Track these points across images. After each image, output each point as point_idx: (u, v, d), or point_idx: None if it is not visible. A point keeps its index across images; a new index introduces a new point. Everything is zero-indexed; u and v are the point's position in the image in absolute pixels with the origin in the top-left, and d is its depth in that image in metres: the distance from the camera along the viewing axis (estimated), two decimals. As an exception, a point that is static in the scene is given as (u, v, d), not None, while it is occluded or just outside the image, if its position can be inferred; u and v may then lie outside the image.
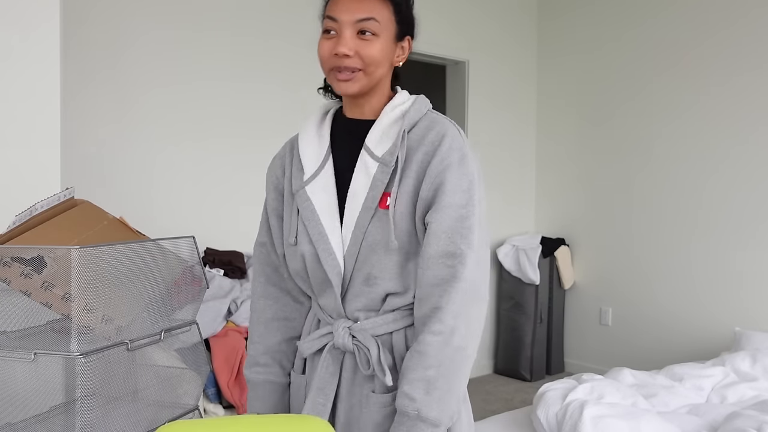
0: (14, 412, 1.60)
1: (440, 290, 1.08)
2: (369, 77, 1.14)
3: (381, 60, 1.14)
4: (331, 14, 1.14)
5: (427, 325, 1.08)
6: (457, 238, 1.09)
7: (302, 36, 3.58)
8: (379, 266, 1.13)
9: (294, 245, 1.21)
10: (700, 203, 3.84)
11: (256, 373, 1.29)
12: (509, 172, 4.66)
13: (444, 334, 1.06)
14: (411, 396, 1.07)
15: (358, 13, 1.12)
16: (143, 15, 3.08)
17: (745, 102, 3.63)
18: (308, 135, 1.24)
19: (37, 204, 1.61)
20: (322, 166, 1.20)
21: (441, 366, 1.06)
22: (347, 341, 1.15)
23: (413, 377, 1.07)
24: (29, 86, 2.11)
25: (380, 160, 1.14)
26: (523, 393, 4.08)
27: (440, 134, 1.14)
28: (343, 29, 1.13)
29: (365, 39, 1.12)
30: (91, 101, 2.95)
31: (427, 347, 1.07)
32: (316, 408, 1.17)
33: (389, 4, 1.15)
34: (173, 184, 3.19)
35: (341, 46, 1.11)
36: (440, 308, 1.07)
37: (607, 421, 1.99)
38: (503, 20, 4.60)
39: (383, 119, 1.17)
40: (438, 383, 1.06)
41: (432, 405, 1.06)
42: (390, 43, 1.16)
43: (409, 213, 1.13)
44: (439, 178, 1.11)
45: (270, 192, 1.29)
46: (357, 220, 1.14)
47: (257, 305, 1.32)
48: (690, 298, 3.90)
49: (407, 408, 1.07)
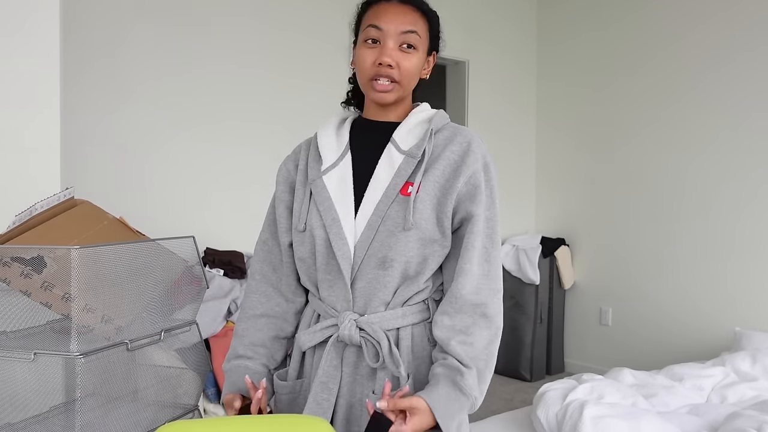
0: (14, 412, 1.60)
1: (489, 289, 1.16)
2: (404, 89, 1.21)
3: (416, 74, 1.22)
4: (375, 23, 1.17)
5: (476, 321, 1.14)
6: (487, 241, 1.17)
7: (308, 33, 3.58)
8: (397, 248, 1.15)
9: (303, 231, 1.22)
10: (700, 203, 3.84)
11: (235, 366, 1.27)
12: (509, 172, 4.66)
13: (491, 331, 1.15)
14: (473, 377, 1.11)
15: (404, 24, 1.17)
16: (142, 16, 3.08)
17: (748, 104, 3.63)
18: (328, 131, 1.29)
19: (37, 204, 1.61)
20: (341, 159, 1.24)
21: (488, 362, 1.15)
22: (354, 333, 1.15)
23: (470, 364, 1.11)
24: (29, 87, 2.11)
25: (406, 153, 1.19)
26: (523, 393, 4.08)
27: (467, 138, 1.21)
28: (387, 39, 1.17)
29: (406, 52, 1.18)
30: (90, 101, 2.95)
31: (477, 340, 1.13)
32: (321, 405, 1.16)
33: (426, 19, 1.21)
34: (173, 184, 3.19)
35: (386, 57, 1.16)
36: (489, 307, 1.15)
37: (607, 421, 1.99)
38: (503, 20, 4.61)
39: (411, 119, 1.24)
40: (484, 377, 1.14)
41: (479, 398, 1.13)
42: (423, 57, 1.22)
43: (432, 203, 1.17)
44: (475, 178, 1.18)
45: (280, 185, 1.32)
46: (377, 206, 1.17)
47: (248, 301, 1.32)
48: (690, 298, 3.90)
49: (471, 391, 1.10)
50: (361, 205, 1.18)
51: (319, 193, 1.21)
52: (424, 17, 1.21)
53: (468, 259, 1.15)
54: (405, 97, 1.24)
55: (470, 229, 1.16)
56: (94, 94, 2.96)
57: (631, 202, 4.20)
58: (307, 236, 1.21)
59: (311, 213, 1.21)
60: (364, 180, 1.21)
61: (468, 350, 1.12)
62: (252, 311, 1.31)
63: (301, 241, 1.23)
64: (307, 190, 1.24)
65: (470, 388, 1.10)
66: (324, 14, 3.65)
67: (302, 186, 1.26)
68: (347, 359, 1.19)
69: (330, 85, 3.62)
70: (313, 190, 1.22)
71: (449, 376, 1.10)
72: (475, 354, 1.12)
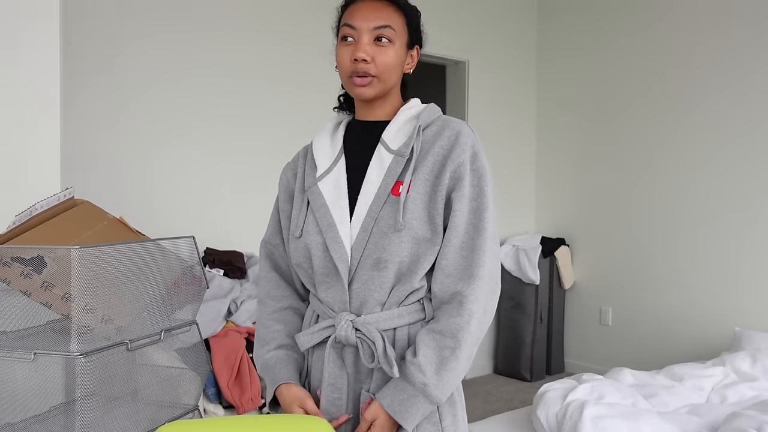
0: (14, 412, 1.60)
1: (464, 278, 1.14)
2: (383, 83, 1.21)
3: (394, 66, 1.21)
4: (349, 22, 1.20)
5: (448, 309, 1.14)
6: (473, 231, 1.16)
7: (303, 36, 3.59)
8: (390, 249, 1.15)
9: (298, 238, 1.24)
10: (700, 203, 3.84)
11: (285, 356, 1.25)
12: (509, 172, 4.66)
13: (464, 319, 1.12)
14: (423, 369, 1.11)
15: (376, 20, 1.19)
16: (143, 14, 3.08)
17: (745, 103, 3.63)
18: (323, 138, 1.31)
19: (37, 204, 1.61)
20: (335, 164, 1.25)
21: (456, 349, 1.12)
22: (350, 334, 1.16)
23: (428, 352, 1.12)
24: (29, 87, 2.11)
25: (395, 152, 1.20)
26: (523, 393, 4.08)
27: (455, 131, 1.21)
28: (361, 36, 1.19)
29: (381, 45, 1.19)
30: (91, 101, 2.95)
31: (445, 328, 1.13)
32: (335, 404, 1.19)
33: (402, 13, 1.23)
34: (173, 184, 3.19)
35: (360, 52, 1.18)
36: (463, 295, 1.13)
37: (607, 422, 1.99)
38: (503, 20, 4.61)
39: (399, 117, 1.24)
40: (449, 365, 1.12)
41: (438, 385, 1.11)
42: (402, 51, 1.23)
43: (423, 201, 1.17)
44: (459, 171, 1.17)
45: (282, 194, 1.34)
46: (370, 207, 1.18)
47: (272, 295, 1.32)
48: (690, 298, 3.89)
49: (414, 378, 1.11)
50: (355, 208, 1.20)
51: (315, 200, 1.23)
52: (400, 11, 1.22)
53: (443, 254, 1.16)
54: (387, 92, 1.24)
55: (450, 224, 1.16)
56: (95, 94, 2.96)
57: (632, 202, 4.20)
58: (302, 242, 1.23)
59: (308, 220, 1.23)
60: (357, 182, 1.23)
61: (435, 338, 1.12)
62: (279, 304, 1.32)
63: (296, 247, 1.25)
64: (304, 198, 1.27)
65: (412, 376, 1.11)
66: (322, 22, 3.64)
67: (300, 194, 1.28)
68: (347, 359, 1.20)
69: (329, 89, 3.61)
70: (309, 197, 1.24)
71: (401, 369, 1.13)
72: (443, 342, 1.12)
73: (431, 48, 3.97)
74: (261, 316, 1.33)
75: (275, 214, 1.36)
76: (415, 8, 1.27)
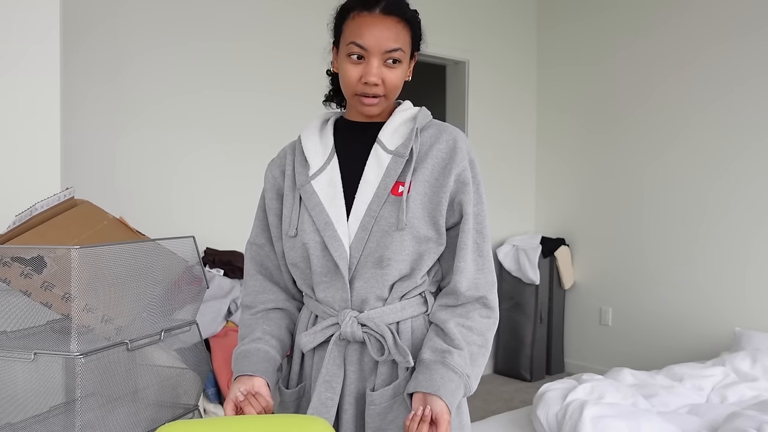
0: (14, 412, 1.60)
1: (486, 285, 1.20)
2: (389, 100, 1.22)
3: (401, 83, 1.22)
4: (359, 42, 1.16)
5: (477, 309, 1.19)
6: (477, 236, 1.21)
7: (301, 45, 3.59)
8: (393, 248, 1.16)
9: (294, 237, 1.22)
10: (700, 203, 3.84)
11: (255, 348, 1.22)
12: (509, 172, 4.66)
13: (492, 321, 1.20)
14: (464, 358, 1.13)
15: (387, 43, 1.16)
16: (143, 17, 3.08)
17: (744, 109, 3.63)
18: (312, 135, 1.28)
19: (37, 204, 1.61)
20: (328, 162, 1.24)
21: (482, 347, 1.18)
22: (356, 329, 1.16)
23: (462, 345, 1.14)
24: (30, 87, 2.11)
25: (393, 152, 1.20)
26: (523, 393, 4.08)
27: (452, 136, 1.23)
28: (371, 58, 1.17)
29: (391, 67, 1.18)
30: (91, 101, 2.95)
31: (475, 325, 1.17)
32: (325, 404, 1.16)
33: (409, 27, 1.21)
34: (173, 184, 3.20)
35: (371, 76, 1.16)
36: (488, 299, 1.20)
37: (607, 421, 1.99)
38: (503, 19, 4.61)
39: (395, 118, 1.24)
40: (478, 361, 1.16)
41: (473, 377, 1.15)
42: (408, 66, 1.23)
43: (424, 201, 1.18)
44: (462, 176, 1.20)
45: (268, 192, 1.31)
46: (368, 206, 1.18)
47: (258, 297, 1.30)
48: (690, 298, 3.90)
49: (459, 368, 1.12)
50: (352, 207, 1.19)
51: (309, 198, 1.21)
52: (407, 26, 1.19)
53: (463, 257, 1.18)
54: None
55: (462, 227, 1.19)
56: (95, 94, 2.96)
57: (632, 202, 4.20)
58: (298, 242, 1.21)
59: (302, 218, 1.22)
60: (352, 182, 1.22)
61: (465, 333, 1.16)
62: (263, 306, 1.29)
63: (292, 246, 1.23)
64: (296, 196, 1.24)
65: (461, 367, 1.12)
66: (321, 35, 3.64)
67: (291, 192, 1.26)
68: (350, 357, 1.20)
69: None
70: (302, 195, 1.23)
71: (438, 360, 1.12)
72: (472, 338, 1.16)
73: (431, 48, 3.97)
74: (245, 318, 1.30)
75: (260, 213, 1.33)
76: (416, 15, 1.24)
